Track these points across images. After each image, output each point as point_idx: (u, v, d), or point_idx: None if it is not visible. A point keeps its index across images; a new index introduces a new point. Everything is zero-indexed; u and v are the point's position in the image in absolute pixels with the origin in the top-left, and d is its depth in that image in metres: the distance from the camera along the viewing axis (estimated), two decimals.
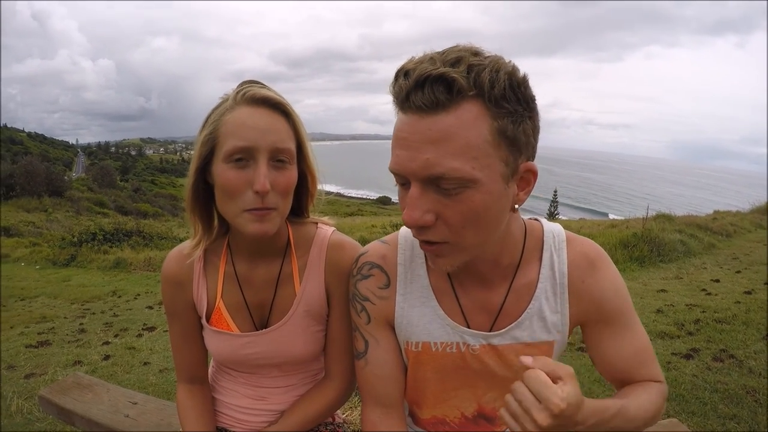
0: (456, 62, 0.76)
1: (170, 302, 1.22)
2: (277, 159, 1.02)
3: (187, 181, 1.10)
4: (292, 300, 1.19)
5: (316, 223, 1.25)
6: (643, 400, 0.97)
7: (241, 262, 1.20)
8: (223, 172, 1.01)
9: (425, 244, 0.88)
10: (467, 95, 0.76)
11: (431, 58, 0.78)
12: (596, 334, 1.05)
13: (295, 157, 1.08)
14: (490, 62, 0.77)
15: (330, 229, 1.24)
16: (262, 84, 1.08)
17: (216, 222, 1.18)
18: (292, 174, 1.06)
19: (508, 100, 0.77)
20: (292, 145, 1.05)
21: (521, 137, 0.81)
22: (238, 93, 1.04)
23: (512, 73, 0.78)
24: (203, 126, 1.06)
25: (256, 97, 1.03)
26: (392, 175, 0.86)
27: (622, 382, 1.06)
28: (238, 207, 1.02)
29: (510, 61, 0.80)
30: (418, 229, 0.84)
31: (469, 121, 0.76)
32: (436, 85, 0.76)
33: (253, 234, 1.02)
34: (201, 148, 1.05)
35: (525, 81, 0.80)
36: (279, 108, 1.05)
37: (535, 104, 0.82)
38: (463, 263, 0.90)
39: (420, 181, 0.80)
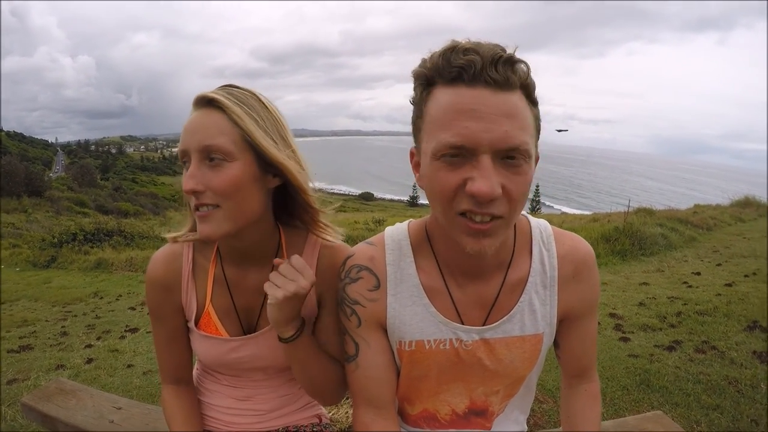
0: (503, 51, 0.83)
1: (156, 306, 1.20)
2: (210, 157, 0.99)
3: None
4: None
5: (308, 231, 1.21)
6: (596, 421, 1.13)
7: (230, 266, 1.18)
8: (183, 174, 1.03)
9: (479, 223, 0.86)
10: (524, 82, 0.84)
11: (481, 44, 0.84)
12: (570, 327, 1.10)
13: (237, 153, 1.01)
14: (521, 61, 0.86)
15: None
16: (230, 86, 1.06)
17: None
18: (227, 172, 0.99)
19: (534, 95, 0.87)
20: (224, 141, 0.99)
21: (539, 129, 0.90)
22: None
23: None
24: None
25: (196, 100, 1.03)
26: (445, 148, 0.84)
27: (576, 371, 1.14)
28: (191, 209, 1.05)
29: None
30: (487, 202, 0.84)
31: (524, 104, 0.85)
32: (506, 65, 0.82)
33: (202, 237, 1.02)
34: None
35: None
36: (212, 104, 1.01)
37: None
38: (501, 243, 0.92)
39: (493, 152, 0.82)
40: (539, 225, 1.08)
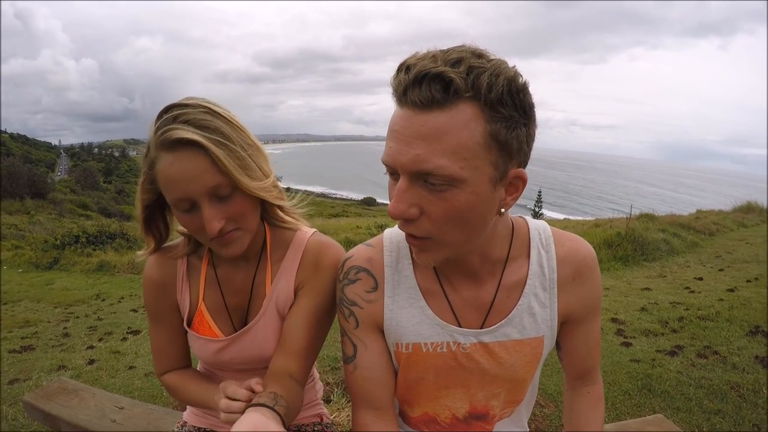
0: (456, 62, 0.76)
1: (154, 306, 1.22)
2: (218, 195, 0.99)
3: (137, 215, 1.10)
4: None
5: (296, 230, 1.23)
6: (599, 423, 1.11)
7: (222, 265, 1.21)
8: (178, 217, 1.03)
9: (409, 237, 0.89)
10: (463, 96, 0.76)
11: (433, 56, 0.78)
12: (572, 329, 1.08)
13: (238, 185, 1.02)
14: (491, 66, 0.77)
15: (310, 231, 1.23)
16: (183, 110, 0.98)
17: (165, 232, 1.18)
18: (239, 200, 1.02)
19: (504, 105, 0.77)
20: (225, 178, 0.99)
21: (513, 143, 0.80)
22: (156, 135, 0.97)
23: (512, 79, 0.78)
24: (142, 164, 1.03)
25: (170, 142, 0.95)
26: (384, 167, 0.87)
27: (579, 373, 1.14)
28: (205, 239, 1.05)
29: (513, 67, 0.80)
30: (403, 221, 0.86)
31: (462, 122, 0.76)
32: (433, 83, 0.75)
33: (226, 257, 1.09)
34: (144, 195, 1.05)
35: (525, 88, 0.80)
36: (196, 145, 0.96)
37: (533, 112, 0.82)
38: (446, 259, 0.91)
39: (408, 174, 0.81)
40: (538, 227, 1.06)
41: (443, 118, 0.76)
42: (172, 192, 0.98)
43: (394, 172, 0.85)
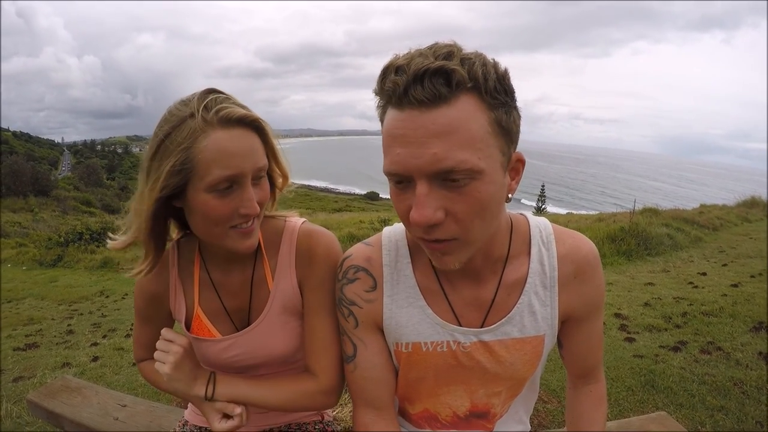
0: (449, 56, 0.76)
1: (144, 310, 1.24)
2: (257, 176, 1.02)
3: (144, 211, 1.02)
4: (267, 299, 1.18)
5: (285, 218, 1.22)
6: (601, 423, 1.12)
7: (214, 267, 1.19)
8: (206, 202, 0.97)
9: (433, 243, 0.86)
10: (466, 87, 0.76)
11: (421, 54, 0.77)
12: (574, 328, 1.07)
13: (280, 166, 1.12)
14: (476, 56, 0.78)
15: (300, 221, 1.21)
16: (226, 94, 1.00)
17: (166, 240, 1.15)
18: (267, 185, 1.07)
19: (498, 91, 0.78)
20: (266, 162, 1.04)
21: (512, 127, 0.82)
22: (208, 112, 0.95)
23: (496, 66, 0.79)
24: (163, 149, 0.96)
25: (232, 118, 0.96)
26: (387, 175, 0.84)
27: (582, 371, 1.14)
28: (224, 229, 1.01)
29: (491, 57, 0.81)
30: (428, 228, 0.82)
31: (470, 113, 0.76)
32: (435, 78, 0.75)
33: (244, 250, 1.05)
34: (170, 178, 0.96)
35: (507, 74, 0.81)
36: (253, 125, 1.00)
37: (515, 96, 0.83)
38: (468, 259, 0.89)
39: (427, 177, 0.78)
40: (539, 224, 1.05)
41: (452, 112, 0.76)
42: (222, 167, 0.94)
43: (403, 180, 0.82)
